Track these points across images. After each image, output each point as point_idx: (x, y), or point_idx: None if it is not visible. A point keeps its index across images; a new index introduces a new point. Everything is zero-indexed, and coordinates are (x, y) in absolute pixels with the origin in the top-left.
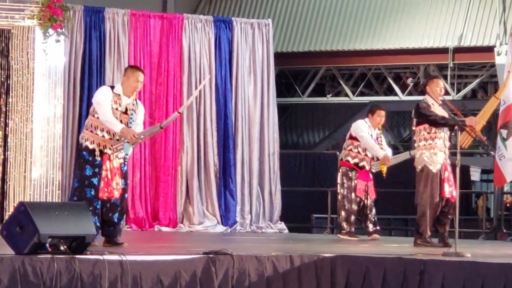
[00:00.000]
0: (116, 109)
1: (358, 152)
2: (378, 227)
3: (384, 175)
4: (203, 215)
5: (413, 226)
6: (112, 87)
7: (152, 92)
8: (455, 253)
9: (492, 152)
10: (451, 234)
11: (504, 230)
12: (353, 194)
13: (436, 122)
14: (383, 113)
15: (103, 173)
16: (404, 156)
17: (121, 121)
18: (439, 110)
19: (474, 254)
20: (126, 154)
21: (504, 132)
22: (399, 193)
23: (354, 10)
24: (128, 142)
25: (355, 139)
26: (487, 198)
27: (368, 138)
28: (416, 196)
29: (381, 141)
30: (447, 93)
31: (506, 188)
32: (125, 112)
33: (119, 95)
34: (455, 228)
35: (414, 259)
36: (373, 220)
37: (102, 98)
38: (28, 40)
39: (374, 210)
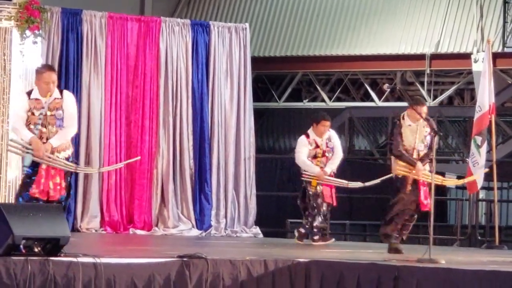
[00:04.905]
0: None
1: None
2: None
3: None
4: (178, 218)
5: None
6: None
7: (129, 95)
8: (430, 260)
9: (467, 159)
10: (422, 240)
11: (479, 237)
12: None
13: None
14: (328, 123)
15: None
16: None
17: (49, 123)
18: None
19: (449, 260)
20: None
21: (478, 139)
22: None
23: (331, 16)
24: (32, 155)
25: None
26: (462, 205)
27: (302, 157)
28: None
29: (332, 145)
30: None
31: (482, 195)
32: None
33: (38, 99)
34: (430, 235)
35: (388, 265)
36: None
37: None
38: (5, 41)
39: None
